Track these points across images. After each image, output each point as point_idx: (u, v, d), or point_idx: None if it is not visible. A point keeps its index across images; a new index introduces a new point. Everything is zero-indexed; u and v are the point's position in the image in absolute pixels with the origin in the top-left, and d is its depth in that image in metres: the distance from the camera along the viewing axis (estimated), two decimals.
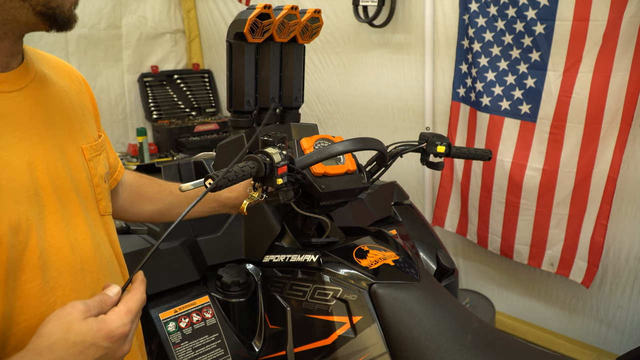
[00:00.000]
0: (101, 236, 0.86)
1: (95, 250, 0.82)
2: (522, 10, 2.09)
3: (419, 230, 1.73)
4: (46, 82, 0.81)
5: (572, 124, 2.08)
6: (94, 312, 0.67)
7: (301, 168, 1.19)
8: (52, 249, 0.74)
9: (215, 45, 3.70)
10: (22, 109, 0.74)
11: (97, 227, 0.85)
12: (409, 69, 2.60)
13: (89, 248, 0.81)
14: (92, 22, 3.25)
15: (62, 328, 0.64)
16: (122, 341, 0.68)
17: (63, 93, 0.85)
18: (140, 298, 0.72)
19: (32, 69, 0.79)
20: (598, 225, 2.12)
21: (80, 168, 0.82)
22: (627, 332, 2.22)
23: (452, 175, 2.58)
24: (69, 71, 0.94)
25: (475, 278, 2.72)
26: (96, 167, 0.86)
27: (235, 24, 1.36)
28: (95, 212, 0.85)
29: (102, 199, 0.87)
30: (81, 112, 0.88)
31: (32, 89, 0.77)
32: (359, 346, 1.13)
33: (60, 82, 0.86)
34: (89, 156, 0.85)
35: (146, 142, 3.28)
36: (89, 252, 0.81)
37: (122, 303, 0.70)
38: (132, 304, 0.70)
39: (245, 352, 1.28)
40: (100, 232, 0.85)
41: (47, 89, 0.81)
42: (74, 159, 0.81)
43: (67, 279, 0.76)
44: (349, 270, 1.20)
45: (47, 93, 0.81)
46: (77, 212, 0.80)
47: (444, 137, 1.48)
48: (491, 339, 1.13)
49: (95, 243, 0.83)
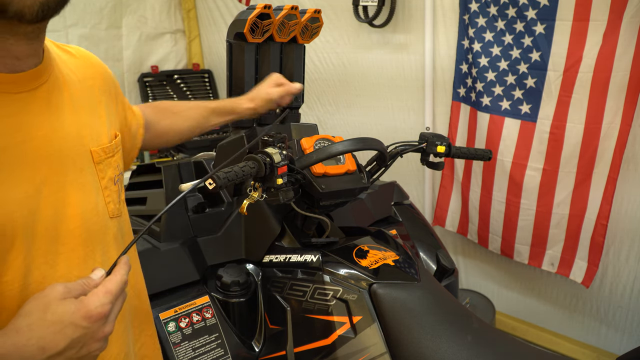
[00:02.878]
0: (102, 242, 0.84)
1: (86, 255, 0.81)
2: (522, 10, 2.09)
3: (419, 230, 1.73)
4: (63, 83, 0.80)
5: (572, 124, 2.08)
6: (74, 293, 0.67)
7: (301, 168, 1.19)
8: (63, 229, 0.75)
9: (215, 45, 3.70)
10: (29, 110, 0.73)
11: (101, 232, 0.84)
12: (409, 69, 2.59)
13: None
14: (92, 22, 3.25)
15: (41, 308, 0.65)
16: (102, 322, 0.68)
17: (79, 95, 0.84)
18: (120, 280, 0.71)
19: (49, 71, 0.77)
20: (598, 225, 2.12)
21: (87, 172, 0.81)
22: (627, 332, 2.22)
23: (452, 175, 2.58)
24: (93, 65, 0.93)
25: (475, 278, 2.72)
26: (105, 170, 0.85)
27: (235, 24, 1.36)
28: (104, 214, 0.84)
29: (111, 202, 0.86)
30: (98, 114, 0.87)
31: (45, 91, 0.76)
32: (359, 346, 1.13)
33: (79, 83, 0.85)
34: (99, 159, 0.84)
35: None
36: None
37: (102, 285, 0.70)
38: (111, 285, 0.70)
39: (245, 352, 1.28)
40: (104, 234, 0.84)
41: (62, 92, 0.80)
42: (81, 163, 0.80)
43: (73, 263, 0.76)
44: (349, 270, 1.20)
45: (61, 95, 0.79)
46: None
47: (444, 137, 1.48)
48: (491, 339, 1.13)
49: (93, 245, 0.82)
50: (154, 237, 1.37)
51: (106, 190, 0.85)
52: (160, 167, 1.51)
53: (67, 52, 0.90)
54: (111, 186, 0.86)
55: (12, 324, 0.64)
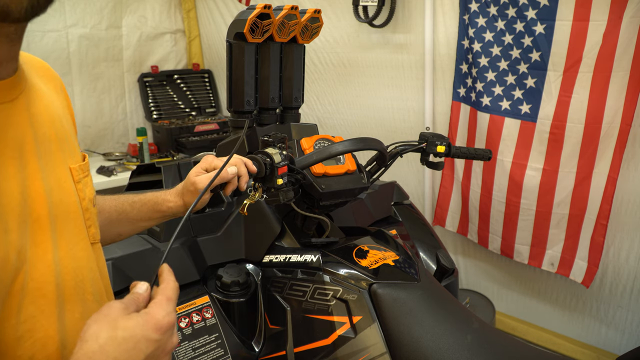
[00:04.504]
0: (91, 268, 0.76)
1: (79, 286, 0.73)
2: (522, 10, 2.09)
3: (419, 230, 1.73)
4: (37, 93, 0.72)
5: (572, 124, 2.08)
6: (132, 309, 0.63)
7: (301, 168, 1.19)
8: (34, 283, 0.65)
9: (215, 45, 3.71)
10: (13, 123, 0.65)
11: (88, 259, 0.76)
12: (409, 68, 2.60)
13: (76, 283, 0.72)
14: (93, 22, 3.25)
15: (108, 327, 0.59)
16: (170, 332, 0.63)
17: (53, 106, 0.75)
18: (174, 286, 0.68)
19: (24, 79, 0.69)
20: (598, 225, 2.12)
21: (71, 191, 0.73)
22: (627, 332, 2.22)
23: (452, 175, 2.58)
24: (53, 78, 0.82)
25: (475, 278, 2.72)
26: (84, 189, 0.77)
27: (235, 24, 1.36)
28: (86, 240, 0.76)
29: (92, 225, 0.78)
30: (68, 127, 0.78)
31: (23, 101, 0.67)
32: (359, 346, 1.13)
33: (48, 92, 0.77)
34: (78, 177, 0.76)
35: (146, 142, 3.28)
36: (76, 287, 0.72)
37: (159, 294, 0.65)
38: (169, 292, 0.66)
39: (245, 352, 1.28)
40: (91, 263, 0.76)
41: (39, 101, 0.71)
42: (64, 181, 0.72)
43: (49, 319, 0.67)
44: (349, 270, 1.20)
45: (38, 106, 0.71)
46: (67, 241, 0.71)
47: (444, 137, 1.48)
48: (491, 339, 1.13)
49: (83, 276, 0.74)
50: (153, 237, 1.37)
51: (87, 212, 0.77)
52: (160, 167, 1.51)
53: (26, 57, 0.78)
54: (91, 208, 0.78)
55: (81, 349, 0.58)
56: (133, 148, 3.40)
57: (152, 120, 3.54)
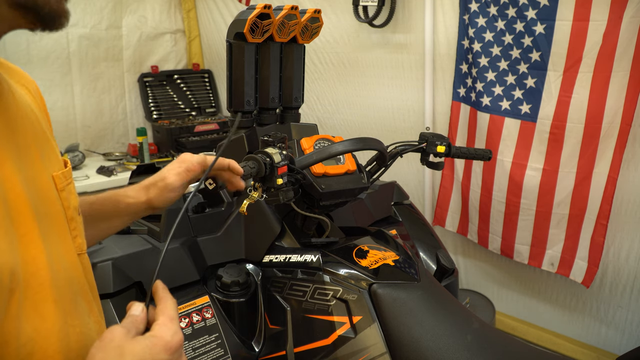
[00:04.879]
0: (79, 281, 0.72)
1: (72, 299, 0.69)
2: (522, 10, 2.09)
3: (419, 230, 1.73)
4: (16, 98, 0.68)
5: (572, 124, 2.08)
6: (133, 332, 0.61)
7: (301, 168, 1.19)
8: (29, 302, 0.61)
9: (215, 45, 3.71)
10: None
11: (76, 271, 0.71)
12: (409, 68, 2.60)
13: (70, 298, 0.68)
14: (93, 22, 3.26)
15: (115, 354, 0.57)
16: (179, 352, 0.62)
17: (32, 112, 0.71)
18: (173, 303, 0.67)
19: (3, 83, 0.65)
20: (598, 225, 2.12)
21: (54, 201, 0.69)
22: (627, 332, 2.22)
23: (452, 175, 2.58)
24: (29, 83, 0.77)
25: (475, 278, 2.72)
26: (68, 197, 0.72)
27: (235, 24, 1.36)
28: (72, 252, 0.71)
29: (78, 235, 0.73)
30: (49, 133, 0.74)
31: (2, 107, 0.63)
32: (359, 346, 1.13)
33: (26, 97, 0.72)
34: (61, 185, 0.71)
35: (146, 142, 3.28)
36: (71, 301, 0.68)
37: (161, 314, 0.64)
38: (170, 311, 0.65)
39: (245, 352, 1.28)
40: (79, 276, 0.72)
41: (18, 107, 0.67)
42: (46, 190, 0.68)
43: (48, 340, 0.63)
44: (349, 270, 1.20)
45: (18, 112, 0.66)
46: (54, 255, 0.66)
47: (444, 137, 1.48)
48: (491, 339, 1.13)
49: (74, 290, 0.69)
50: (153, 237, 1.37)
51: (72, 221, 0.72)
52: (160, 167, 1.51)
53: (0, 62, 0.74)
54: (76, 217, 0.74)
55: None
56: (133, 148, 3.40)
57: (152, 120, 3.55)
